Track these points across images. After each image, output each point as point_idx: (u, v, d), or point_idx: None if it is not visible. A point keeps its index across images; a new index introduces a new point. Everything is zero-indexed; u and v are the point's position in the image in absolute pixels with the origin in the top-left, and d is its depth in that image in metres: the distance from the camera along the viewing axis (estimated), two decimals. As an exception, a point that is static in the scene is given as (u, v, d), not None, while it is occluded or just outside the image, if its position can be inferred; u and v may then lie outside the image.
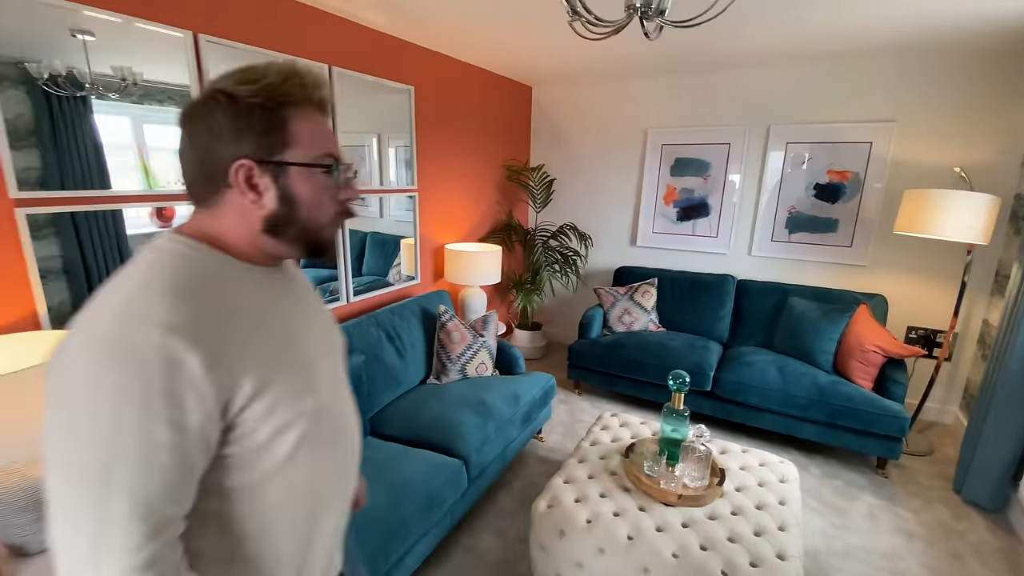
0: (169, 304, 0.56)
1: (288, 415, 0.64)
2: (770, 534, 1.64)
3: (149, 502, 0.54)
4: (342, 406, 0.77)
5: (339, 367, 0.81)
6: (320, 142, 0.67)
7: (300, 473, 0.68)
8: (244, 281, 0.66)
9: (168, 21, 1.71)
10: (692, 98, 3.54)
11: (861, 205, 3.13)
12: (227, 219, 0.65)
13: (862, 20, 2.25)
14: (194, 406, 0.56)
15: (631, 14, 1.25)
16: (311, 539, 0.73)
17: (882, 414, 2.46)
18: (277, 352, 0.66)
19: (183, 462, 0.56)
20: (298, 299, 0.75)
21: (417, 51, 2.87)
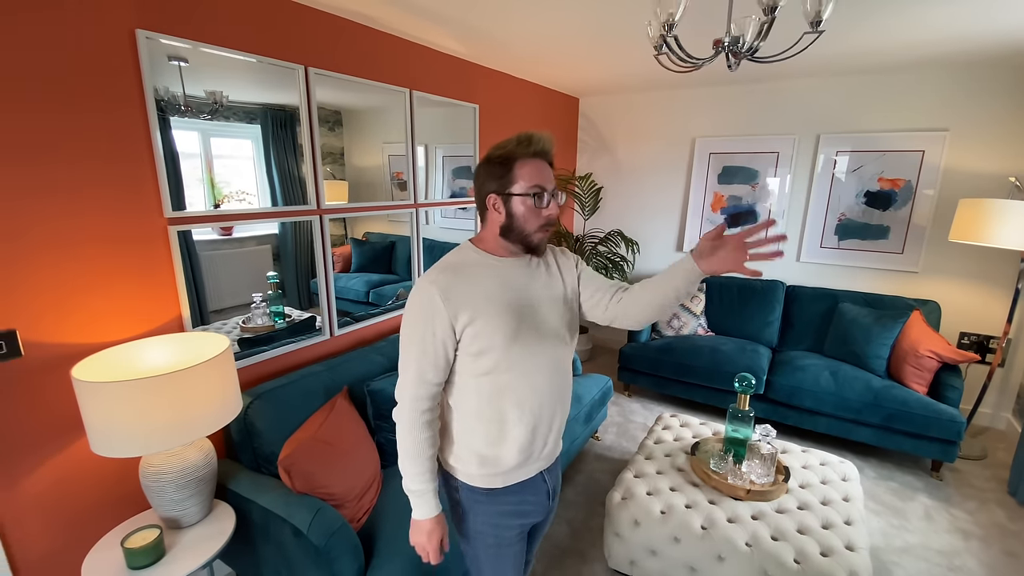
0: (437, 273, 1.10)
1: (485, 343, 1.08)
2: (837, 527, 1.75)
3: (420, 362, 1.08)
4: (540, 352, 1.14)
5: (546, 326, 1.15)
6: (533, 179, 1.08)
7: (499, 378, 1.11)
8: (486, 264, 1.14)
9: (285, 58, 1.93)
10: (740, 108, 3.63)
11: (913, 212, 3.17)
12: (488, 229, 1.15)
13: (909, 38, 2.33)
14: (439, 322, 1.07)
15: (719, 52, 1.39)
16: (510, 420, 1.14)
17: (938, 418, 2.52)
18: (485, 304, 1.08)
19: (436, 348, 1.08)
20: (522, 280, 1.15)
21: (481, 71, 3.06)
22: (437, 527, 1.16)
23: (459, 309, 1.06)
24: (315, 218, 2.15)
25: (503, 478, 1.17)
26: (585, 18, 2.16)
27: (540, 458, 1.21)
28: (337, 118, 2.26)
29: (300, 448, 1.66)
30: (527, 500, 1.22)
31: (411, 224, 2.70)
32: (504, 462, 1.16)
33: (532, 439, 1.16)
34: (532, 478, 1.21)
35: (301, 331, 2.18)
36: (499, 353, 1.09)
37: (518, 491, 1.20)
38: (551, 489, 1.28)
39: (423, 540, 1.16)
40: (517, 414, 1.13)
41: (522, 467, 1.18)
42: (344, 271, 2.42)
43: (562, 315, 1.19)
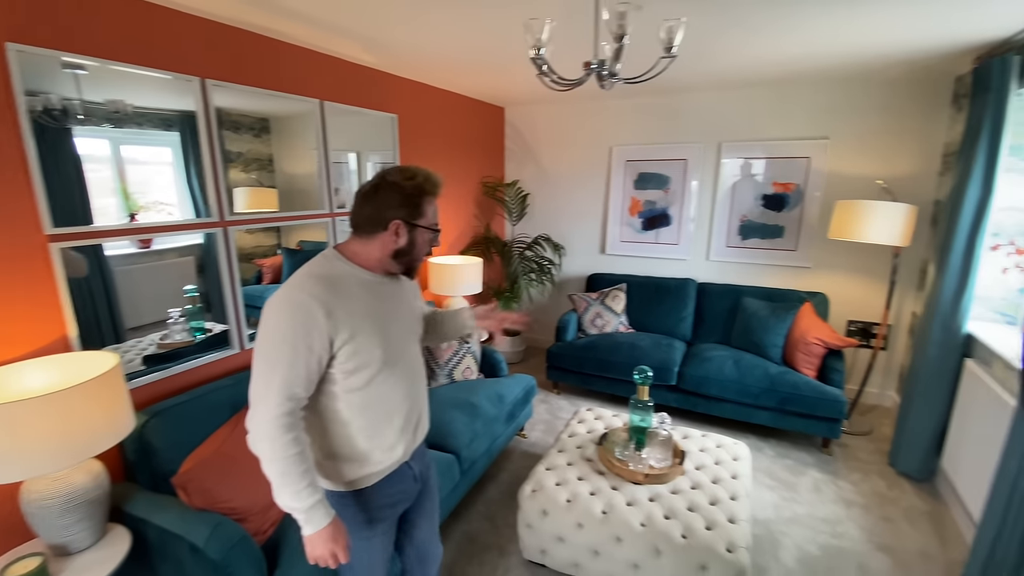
0: (313, 285, 1.09)
1: (362, 360, 1.13)
2: (723, 503, 1.92)
3: (288, 381, 1.05)
4: (407, 361, 1.26)
5: (409, 338, 1.29)
6: (434, 218, 1.22)
7: (373, 393, 1.18)
8: (359, 279, 1.17)
9: (180, 70, 1.91)
10: (652, 118, 3.87)
11: (803, 213, 3.49)
12: (373, 246, 1.18)
13: (797, 53, 2.59)
14: (317, 337, 1.06)
15: (589, 73, 1.52)
16: (378, 428, 1.21)
17: (824, 399, 2.79)
18: (363, 321, 1.13)
19: (308, 366, 1.07)
20: (391, 296, 1.24)
21: (400, 82, 3.11)
22: (339, 529, 1.14)
23: (340, 326, 1.08)
24: (219, 230, 2.12)
25: (372, 479, 1.24)
26: (478, 40, 2.26)
27: (406, 453, 1.30)
28: (263, 124, 2.24)
29: (199, 464, 1.65)
30: (396, 489, 1.31)
31: (329, 234, 2.70)
32: (373, 465, 1.22)
33: (400, 439, 1.26)
34: (398, 470, 1.30)
35: (217, 345, 2.14)
36: (376, 368, 1.16)
37: (386, 485, 1.27)
38: (416, 474, 1.37)
39: (329, 546, 1.11)
40: (388, 420, 1.22)
41: (390, 465, 1.26)
42: (274, 282, 2.40)
43: (417, 328, 1.36)
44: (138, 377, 1.86)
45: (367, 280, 1.18)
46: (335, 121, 2.64)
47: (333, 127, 2.62)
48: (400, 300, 1.27)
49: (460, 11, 1.93)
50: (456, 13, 1.96)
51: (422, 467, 1.41)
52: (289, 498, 1.07)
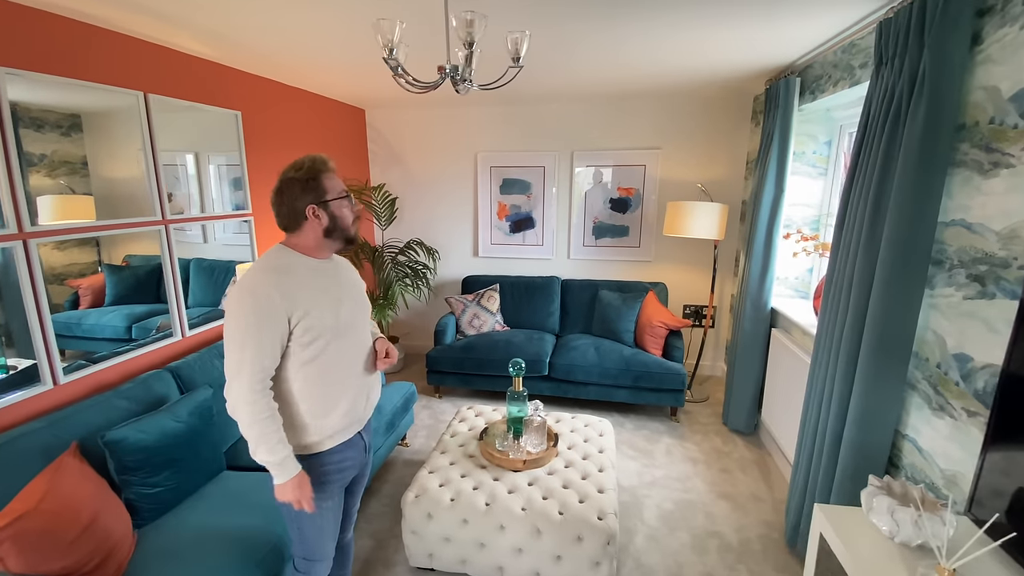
0: (267, 276, 1.28)
1: (315, 333, 1.31)
2: (592, 476, 2.11)
3: (258, 357, 1.24)
4: (357, 333, 1.45)
5: (359, 312, 1.47)
6: (337, 187, 1.36)
7: (327, 362, 1.35)
8: (306, 265, 1.35)
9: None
10: (512, 126, 4.08)
11: (643, 214, 3.96)
12: (305, 235, 1.36)
13: (627, 72, 2.94)
14: (275, 318, 1.25)
15: (444, 77, 1.57)
16: (333, 395, 1.39)
17: (669, 373, 3.20)
18: (315, 298, 1.32)
19: (272, 342, 1.26)
20: (335, 275, 1.43)
21: (243, 77, 2.86)
22: (304, 479, 1.33)
23: (294, 305, 1.27)
24: (15, 244, 1.77)
25: (328, 442, 1.40)
26: (329, 37, 2.20)
27: (359, 421, 1.49)
28: (74, 121, 1.91)
29: (15, 522, 1.36)
30: (348, 457, 1.47)
31: (162, 243, 2.38)
32: (329, 428, 1.39)
33: (354, 407, 1.44)
34: (351, 438, 1.47)
35: (21, 383, 1.77)
36: (326, 340, 1.33)
37: (341, 450, 1.44)
38: (367, 444, 1.57)
39: (296, 493, 1.32)
40: (341, 389, 1.40)
41: (346, 431, 1.44)
42: (96, 305, 2.04)
43: (364, 308, 1.51)
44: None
45: (313, 265, 1.37)
46: (167, 118, 2.35)
47: (164, 124, 2.33)
48: (344, 279, 1.46)
49: (305, 9, 1.86)
50: (301, 9, 1.88)
51: (370, 437, 1.58)
52: (265, 453, 1.28)
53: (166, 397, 2.03)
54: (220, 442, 2.11)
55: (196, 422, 1.90)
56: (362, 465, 1.58)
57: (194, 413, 1.91)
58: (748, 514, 2.44)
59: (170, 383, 2.10)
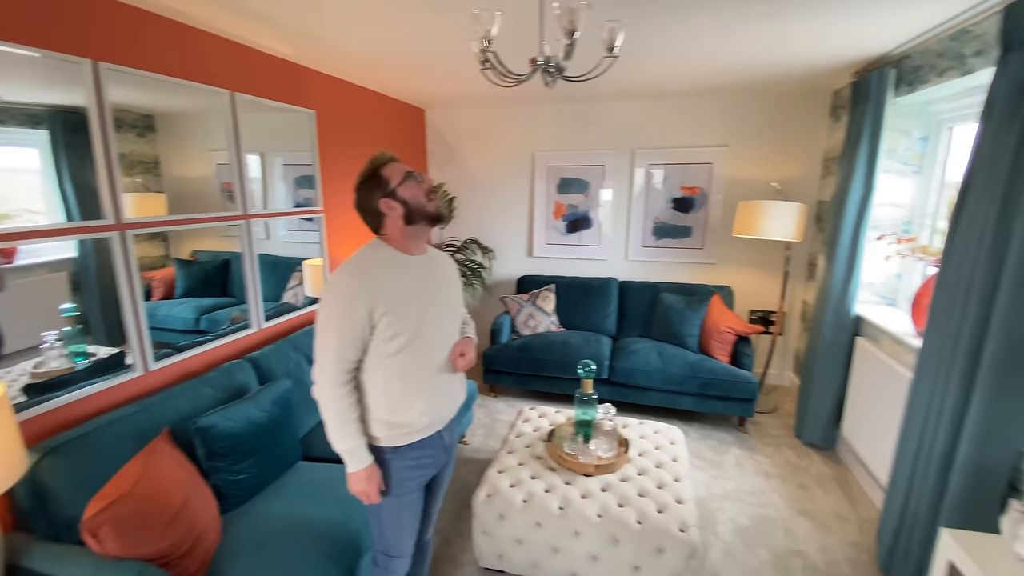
0: (355, 268, 1.32)
1: (398, 328, 1.31)
2: (668, 486, 2.02)
3: (340, 346, 1.29)
4: (443, 331, 1.44)
5: (447, 311, 1.47)
6: (399, 171, 1.35)
7: (408, 359, 1.35)
8: (393, 260, 1.36)
9: (66, 50, 1.64)
10: (571, 125, 4.02)
11: (708, 214, 3.81)
12: (390, 230, 1.37)
13: (700, 69, 2.83)
14: (359, 310, 1.27)
15: (535, 70, 1.54)
16: (415, 391, 1.38)
17: (738, 381, 3.05)
18: (401, 294, 1.32)
19: (354, 333, 1.29)
20: (428, 271, 1.42)
21: (318, 77, 2.93)
22: (374, 472, 1.37)
23: (378, 299, 1.29)
24: (114, 235, 1.85)
25: (413, 437, 1.41)
26: (411, 31, 2.20)
27: (442, 420, 1.47)
28: (148, 123, 1.98)
29: (111, 505, 1.40)
30: (426, 454, 1.46)
31: (242, 238, 2.46)
32: (408, 424, 1.39)
33: (434, 406, 1.42)
34: (431, 436, 1.45)
35: (107, 370, 1.85)
36: (408, 337, 1.32)
37: (419, 447, 1.43)
38: (447, 444, 1.54)
39: (364, 486, 1.36)
40: (422, 386, 1.38)
41: (428, 429, 1.43)
42: (167, 297, 2.12)
43: (453, 307, 1.50)
44: (21, 411, 1.56)
45: (403, 260, 1.38)
46: (243, 118, 2.41)
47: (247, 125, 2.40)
48: (436, 278, 1.45)
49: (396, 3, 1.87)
50: (388, 3, 1.89)
51: (450, 437, 1.56)
52: (339, 439, 1.32)
53: (247, 386, 2.09)
54: (297, 432, 2.15)
55: (278, 412, 1.94)
56: (442, 465, 1.56)
57: (276, 403, 1.95)
58: (832, 534, 2.28)
59: (250, 373, 2.15)
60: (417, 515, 1.52)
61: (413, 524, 1.51)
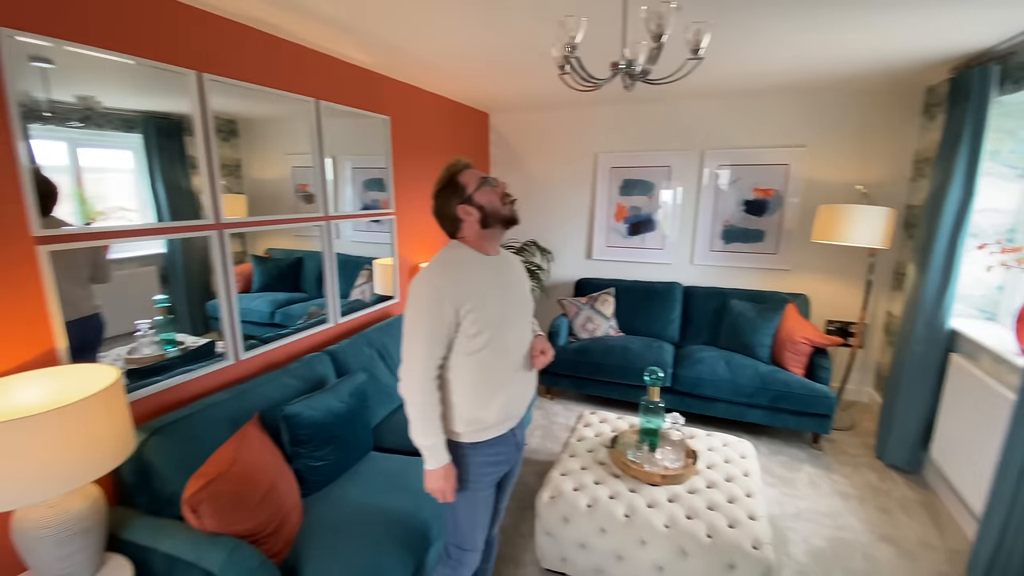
0: (441, 268, 1.36)
1: (481, 325, 1.35)
2: (740, 501, 1.94)
3: (427, 343, 1.33)
4: (519, 329, 1.47)
5: (522, 308, 1.50)
6: (475, 177, 1.40)
7: (489, 356, 1.39)
8: (474, 260, 1.41)
9: (174, 61, 1.79)
10: (635, 125, 3.95)
11: (783, 218, 3.63)
12: (467, 233, 1.42)
13: (781, 66, 2.70)
14: (446, 308, 1.32)
15: (616, 73, 1.52)
16: (494, 388, 1.42)
17: (814, 395, 2.89)
18: (483, 292, 1.37)
19: (441, 331, 1.33)
20: (503, 270, 1.47)
21: (393, 84, 3.05)
22: (451, 471, 1.42)
23: (463, 297, 1.33)
24: (213, 233, 2.00)
25: (488, 433, 1.44)
26: (490, 37, 2.24)
27: (515, 417, 1.50)
28: (232, 128, 2.12)
29: (209, 484, 1.52)
30: (501, 451, 1.49)
31: (323, 238, 2.60)
32: (486, 420, 1.43)
33: (510, 402, 1.45)
34: (505, 434, 1.48)
35: (198, 358, 2.00)
36: (490, 334, 1.37)
37: (495, 444, 1.46)
38: (519, 441, 1.57)
39: (440, 484, 1.40)
40: (500, 383, 1.42)
41: (502, 425, 1.46)
42: (244, 291, 2.26)
43: (527, 305, 1.53)
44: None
45: (482, 259, 1.42)
46: (325, 124, 2.54)
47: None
48: (511, 277, 1.49)
49: (479, 8, 1.91)
50: (474, 10, 1.93)
51: (521, 436, 1.60)
52: (421, 435, 1.37)
53: (326, 378, 2.20)
54: (370, 423, 2.25)
55: (354, 403, 2.04)
56: (513, 462, 1.59)
57: (353, 395, 2.05)
58: (917, 562, 2.12)
59: (328, 365, 2.27)
60: (489, 510, 1.55)
61: (486, 519, 1.54)
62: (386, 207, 3.11)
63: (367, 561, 1.56)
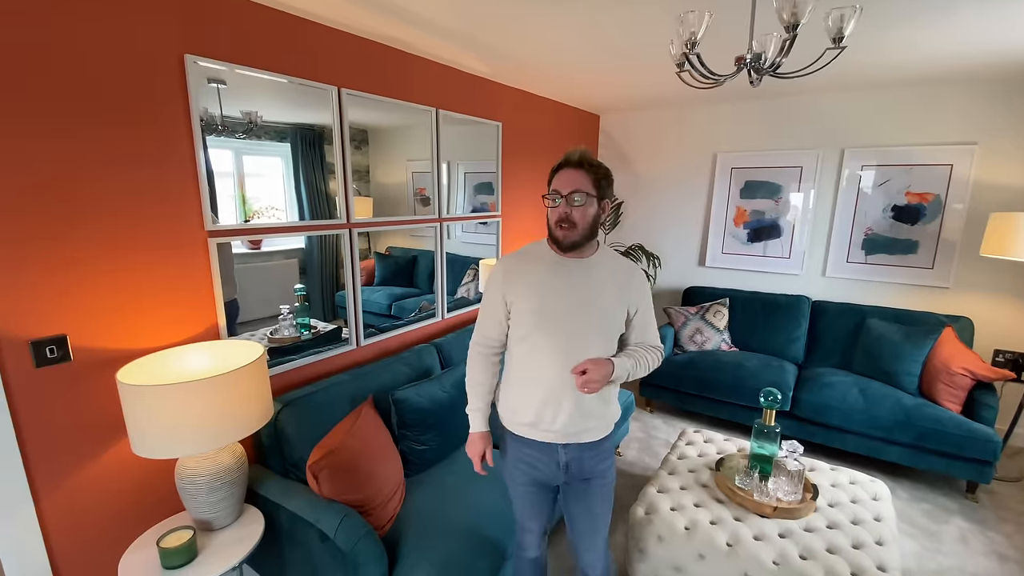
0: (509, 256, 1.44)
1: (520, 319, 1.37)
2: (869, 547, 1.71)
3: (481, 321, 1.48)
4: (567, 337, 1.34)
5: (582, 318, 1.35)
6: (553, 185, 1.34)
7: (525, 353, 1.39)
8: (541, 256, 1.41)
9: (317, 79, 2.02)
10: (762, 123, 3.64)
11: (943, 227, 3.11)
12: None
13: (932, 53, 2.32)
14: (496, 293, 1.41)
15: (741, 68, 1.42)
16: (524, 385, 1.41)
17: (972, 437, 2.44)
18: (530, 288, 1.37)
19: (492, 313, 1.44)
20: (571, 275, 1.37)
21: (505, 90, 3.14)
22: (479, 441, 1.50)
23: (509, 288, 1.39)
24: (344, 232, 2.22)
25: (519, 429, 1.44)
26: (605, 38, 2.21)
27: (551, 430, 1.40)
28: (363, 137, 2.33)
29: (328, 454, 1.70)
30: (537, 458, 1.45)
31: (435, 238, 2.76)
32: (521, 417, 1.42)
33: (540, 408, 1.38)
34: (546, 443, 1.42)
35: (326, 342, 2.23)
36: (526, 329, 1.36)
37: (529, 446, 1.44)
38: (566, 463, 1.44)
39: (472, 448, 1.51)
40: (527, 383, 1.40)
41: (534, 428, 1.41)
42: (368, 284, 2.47)
43: (594, 320, 1.36)
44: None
45: (548, 257, 1.40)
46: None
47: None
48: (583, 282, 1.37)
49: (599, 10, 1.90)
50: (594, 13, 1.93)
51: (577, 464, 1.45)
52: (469, 401, 1.51)
53: (432, 368, 2.34)
54: (467, 416, 2.34)
55: (456, 394, 2.14)
56: (555, 478, 1.46)
57: (455, 385, 2.15)
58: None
59: (434, 356, 2.41)
60: (533, 510, 1.53)
61: (529, 511, 1.53)
62: (493, 210, 3.21)
63: (455, 555, 1.62)
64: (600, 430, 1.45)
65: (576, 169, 1.31)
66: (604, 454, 1.48)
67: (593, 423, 1.41)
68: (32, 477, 1.41)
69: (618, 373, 1.33)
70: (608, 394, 1.43)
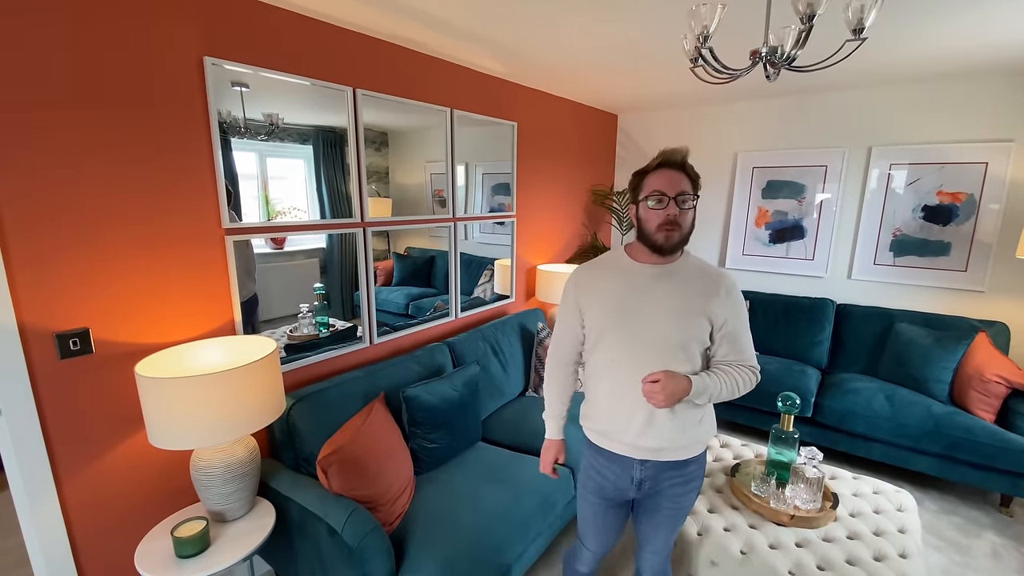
0: (583, 266, 1.44)
1: (591, 327, 1.36)
2: (891, 560, 1.64)
3: (558, 330, 1.47)
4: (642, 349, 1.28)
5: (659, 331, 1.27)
6: (653, 186, 1.25)
7: (600, 359, 1.36)
8: (617, 265, 1.37)
9: (334, 80, 2.05)
10: (785, 121, 3.55)
11: (977, 228, 2.98)
12: (636, 236, 1.35)
13: (966, 45, 2.22)
14: (571, 303, 1.41)
15: (756, 62, 1.38)
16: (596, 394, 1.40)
17: (1007, 448, 2.33)
18: (601, 300, 1.34)
19: (569, 323, 1.43)
20: (647, 284, 1.30)
21: (521, 90, 3.13)
22: (551, 448, 1.54)
23: (583, 298, 1.38)
24: (359, 230, 2.25)
25: (593, 436, 1.44)
26: (622, 36, 2.18)
27: (623, 442, 1.35)
28: (383, 139, 2.35)
29: (338, 450, 1.72)
30: (609, 468, 1.41)
31: (449, 237, 2.77)
32: (593, 423, 1.42)
33: (609, 415, 1.37)
34: (620, 456, 1.38)
35: (342, 339, 2.26)
36: (594, 339, 1.36)
37: (600, 453, 1.43)
38: (641, 479, 1.38)
39: (544, 454, 1.54)
40: (604, 393, 1.37)
41: (606, 437, 1.39)
42: (386, 284, 2.50)
43: (670, 330, 1.27)
44: (283, 364, 2.00)
45: (626, 266, 1.35)
46: (458, 132, 2.69)
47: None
48: (654, 293, 1.29)
49: (616, 8, 1.88)
50: (609, 10, 1.91)
51: (652, 484, 1.38)
52: (544, 408, 1.54)
53: (444, 367, 2.34)
54: (480, 414, 2.34)
55: (467, 393, 2.14)
56: (626, 491, 1.41)
57: (466, 385, 2.15)
58: None
59: (447, 355, 2.42)
60: (596, 521, 1.49)
61: (592, 524, 1.50)
62: (509, 210, 3.21)
63: (461, 556, 1.61)
64: (680, 451, 1.34)
65: (679, 171, 1.25)
66: (686, 478, 1.38)
67: (671, 440, 1.31)
68: (55, 464, 1.46)
69: (697, 390, 1.23)
70: (690, 412, 1.31)
